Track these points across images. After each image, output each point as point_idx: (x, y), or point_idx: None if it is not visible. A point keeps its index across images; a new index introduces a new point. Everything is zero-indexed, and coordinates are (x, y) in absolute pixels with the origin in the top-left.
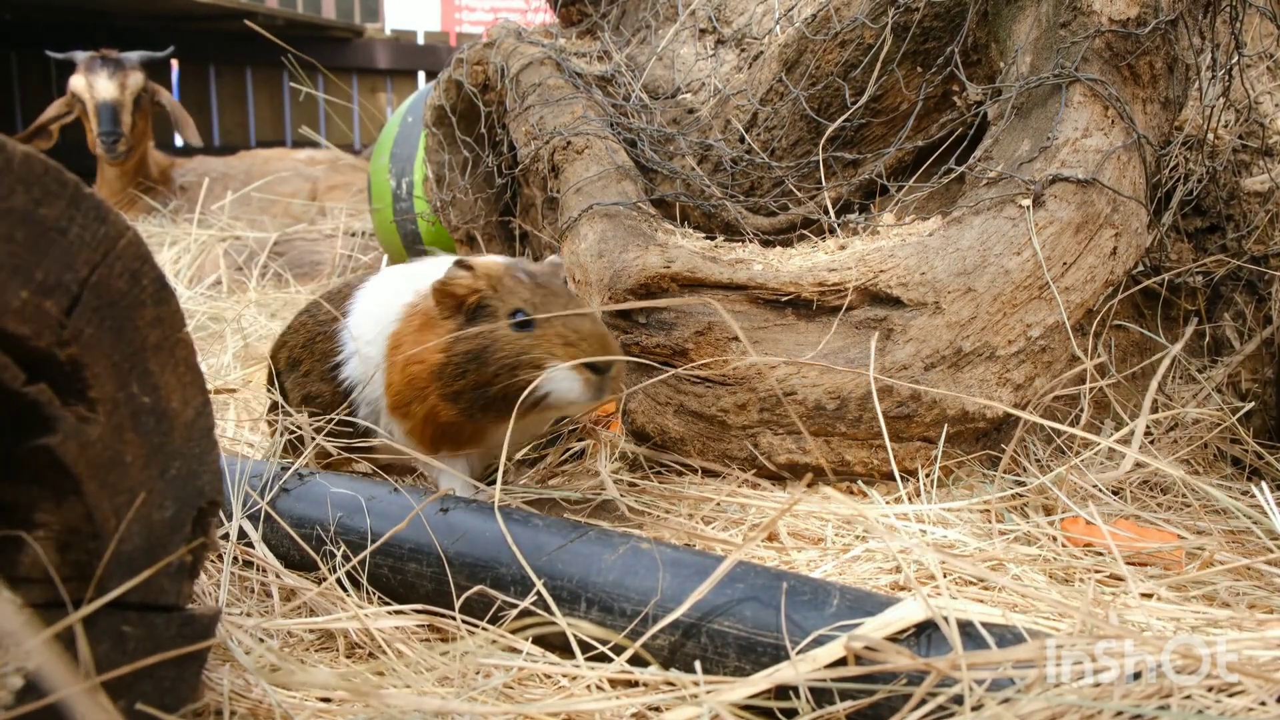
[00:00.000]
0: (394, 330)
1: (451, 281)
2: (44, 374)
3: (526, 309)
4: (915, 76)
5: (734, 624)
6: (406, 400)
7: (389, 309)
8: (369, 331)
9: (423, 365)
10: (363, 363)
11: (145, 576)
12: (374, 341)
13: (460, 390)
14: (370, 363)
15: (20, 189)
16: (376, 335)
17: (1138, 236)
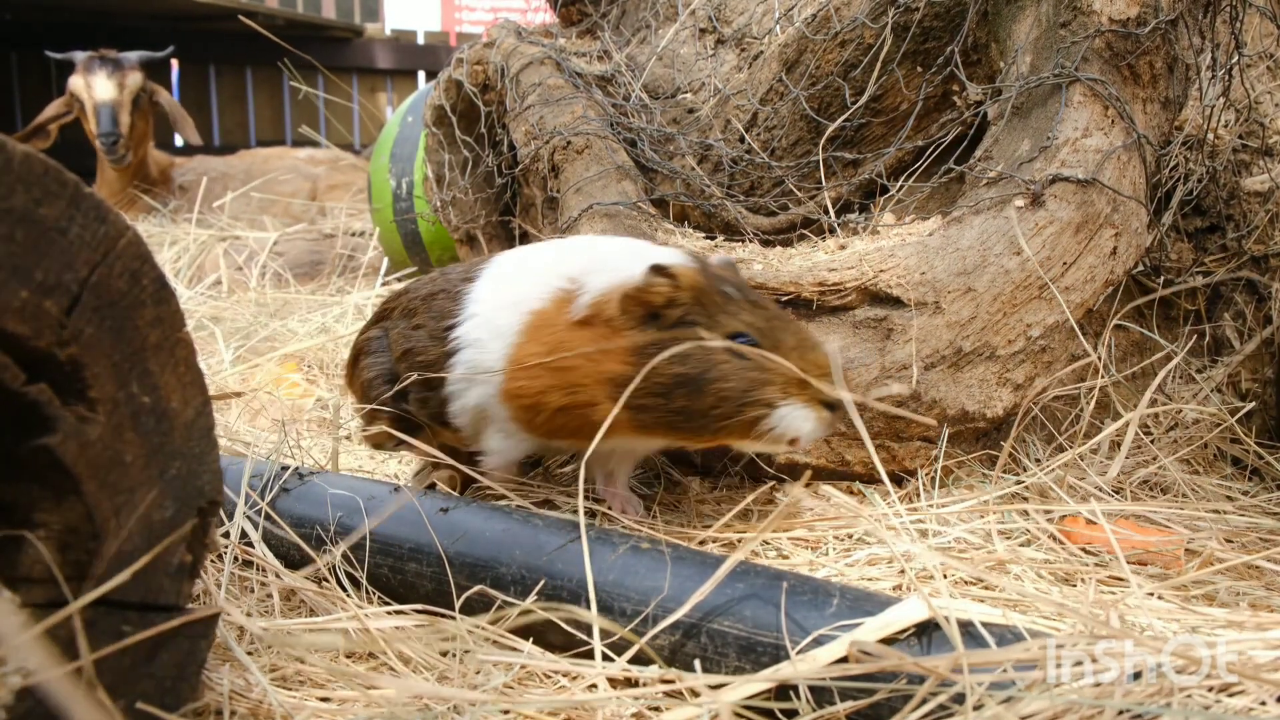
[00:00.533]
0: (536, 309)
1: (649, 290)
2: (44, 374)
3: (752, 335)
4: (915, 76)
5: (734, 624)
6: (541, 389)
7: (532, 286)
8: (501, 299)
9: (592, 365)
10: (481, 328)
11: (137, 567)
12: (504, 310)
13: (651, 407)
14: (491, 330)
15: (20, 189)
16: (509, 305)
17: (1138, 236)
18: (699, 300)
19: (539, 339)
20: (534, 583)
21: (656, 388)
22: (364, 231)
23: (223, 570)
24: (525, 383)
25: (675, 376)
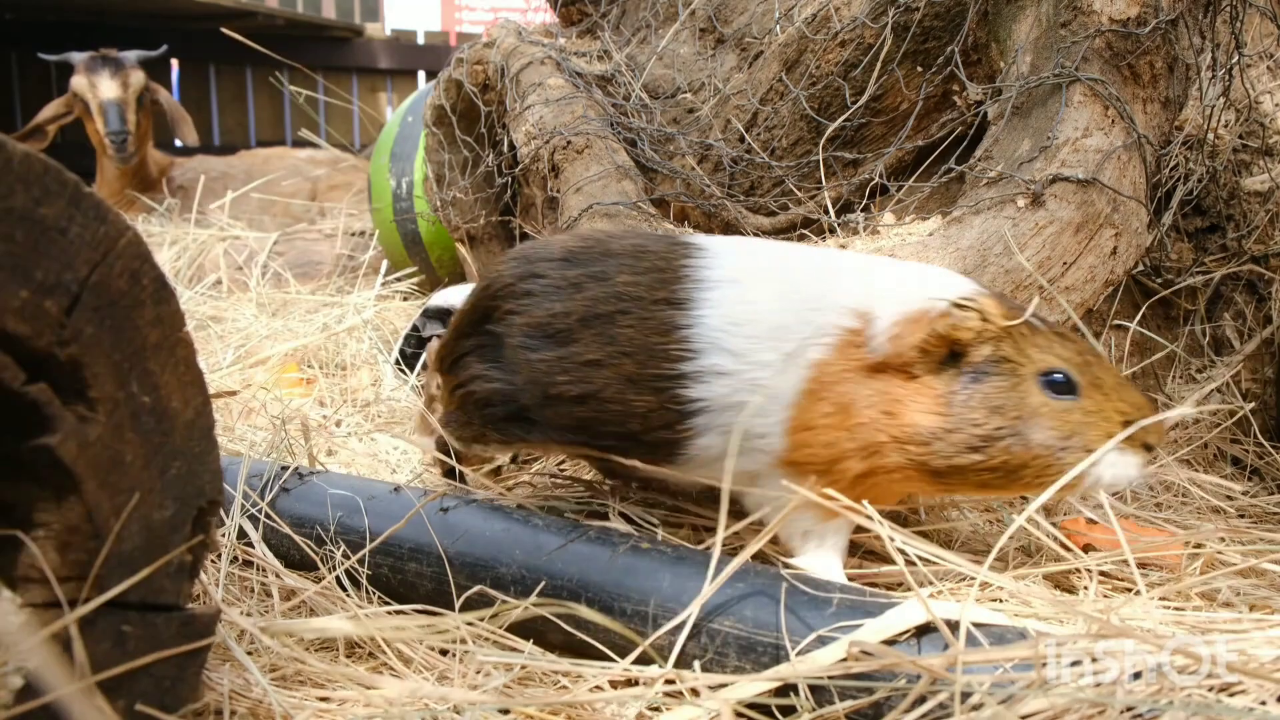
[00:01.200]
0: (819, 360)
1: (957, 328)
2: (44, 374)
3: (1069, 370)
4: (915, 76)
5: (734, 624)
6: (835, 456)
7: (805, 325)
8: (761, 346)
9: (889, 419)
10: (741, 389)
11: (144, 575)
12: (773, 364)
13: (965, 467)
14: (754, 388)
15: (20, 188)
16: (779, 357)
17: (1138, 236)
18: (1009, 334)
19: (828, 397)
20: (534, 582)
21: (973, 441)
22: (364, 231)
23: (223, 571)
24: (816, 449)
25: (998, 429)
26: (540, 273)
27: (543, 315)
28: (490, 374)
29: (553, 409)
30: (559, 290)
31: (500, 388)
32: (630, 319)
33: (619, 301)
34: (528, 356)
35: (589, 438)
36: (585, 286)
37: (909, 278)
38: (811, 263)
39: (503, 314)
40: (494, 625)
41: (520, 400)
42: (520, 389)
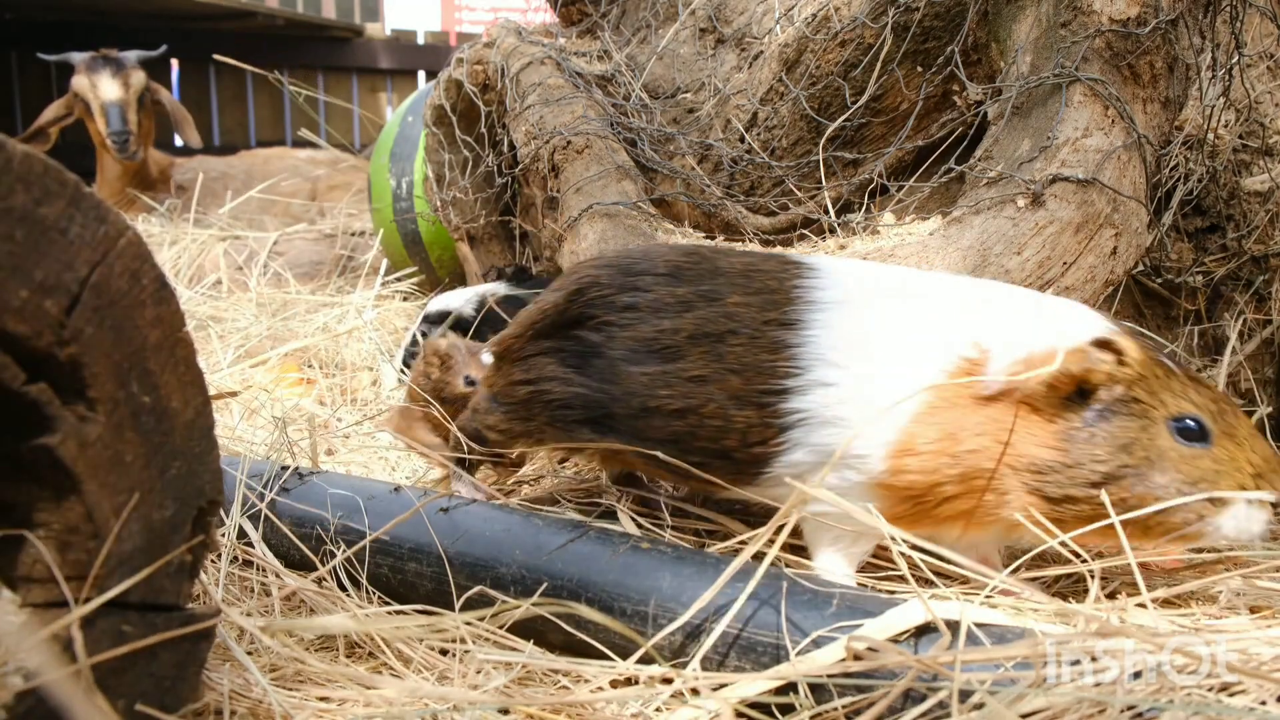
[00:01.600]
0: (927, 399)
1: (1091, 369)
2: (44, 373)
3: (1202, 418)
4: (915, 76)
5: (734, 623)
6: (935, 480)
7: (924, 351)
8: (873, 367)
9: (1000, 448)
10: (846, 403)
11: (144, 575)
12: (885, 384)
13: (1079, 499)
14: (866, 409)
15: (20, 188)
16: (892, 378)
17: (1138, 236)
18: (1142, 376)
19: (936, 420)
20: (534, 582)
21: (1093, 476)
22: (364, 231)
23: (223, 570)
24: (916, 474)
25: (1120, 467)
26: (644, 286)
27: (650, 331)
28: (573, 378)
29: (647, 421)
30: (667, 307)
31: (584, 393)
32: (740, 339)
33: (730, 321)
34: (630, 369)
35: (679, 451)
36: (695, 305)
37: (1033, 309)
38: (929, 288)
39: (599, 323)
40: (494, 625)
41: (608, 409)
42: (615, 398)
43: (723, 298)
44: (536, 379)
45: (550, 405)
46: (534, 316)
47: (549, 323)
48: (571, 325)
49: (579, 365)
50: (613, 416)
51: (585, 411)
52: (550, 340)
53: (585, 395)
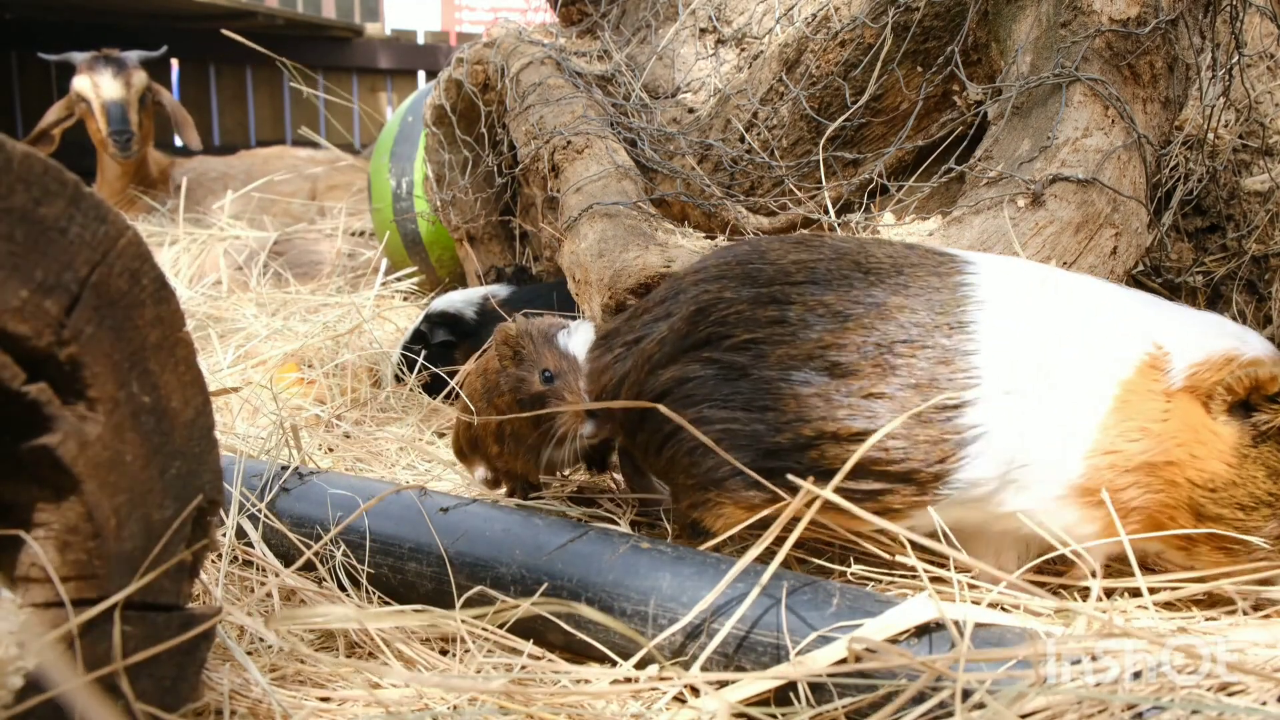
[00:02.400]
0: (1124, 379)
1: (1269, 380)
2: (44, 373)
3: None
4: (915, 76)
5: (734, 624)
6: (1128, 485)
7: (1098, 349)
8: (1052, 370)
9: (1192, 461)
10: (1027, 413)
11: (150, 579)
12: (1068, 387)
13: (1228, 520)
14: (1052, 419)
15: (20, 188)
16: (1077, 378)
17: (1138, 236)
18: None
19: (1135, 419)
20: (534, 582)
21: (1246, 500)
22: (364, 231)
23: (223, 570)
24: (1113, 480)
25: (1270, 494)
26: (786, 297)
27: (811, 345)
28: (710, 413)
29: (819, 449)
30: (821, 318)
31: (731, 427)
32: (913, 347)
33: (898, 329)
34: (798, 391)
35: (853, 479)
36: (852, 313)
37: (1193, 314)
38: (1091, 288)
39: (742, 342)
40: (494, 625)
41: (767, 440)
42: (774, 427)
43: (883, 302)
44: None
45: (694, 451)
46: (648, 349)
47: (668, 352)
48: (697, 349)
49: (714, 395)
50: (775, 451)
51: (746, 454)
52: (671, 370)
53: (736, 429)
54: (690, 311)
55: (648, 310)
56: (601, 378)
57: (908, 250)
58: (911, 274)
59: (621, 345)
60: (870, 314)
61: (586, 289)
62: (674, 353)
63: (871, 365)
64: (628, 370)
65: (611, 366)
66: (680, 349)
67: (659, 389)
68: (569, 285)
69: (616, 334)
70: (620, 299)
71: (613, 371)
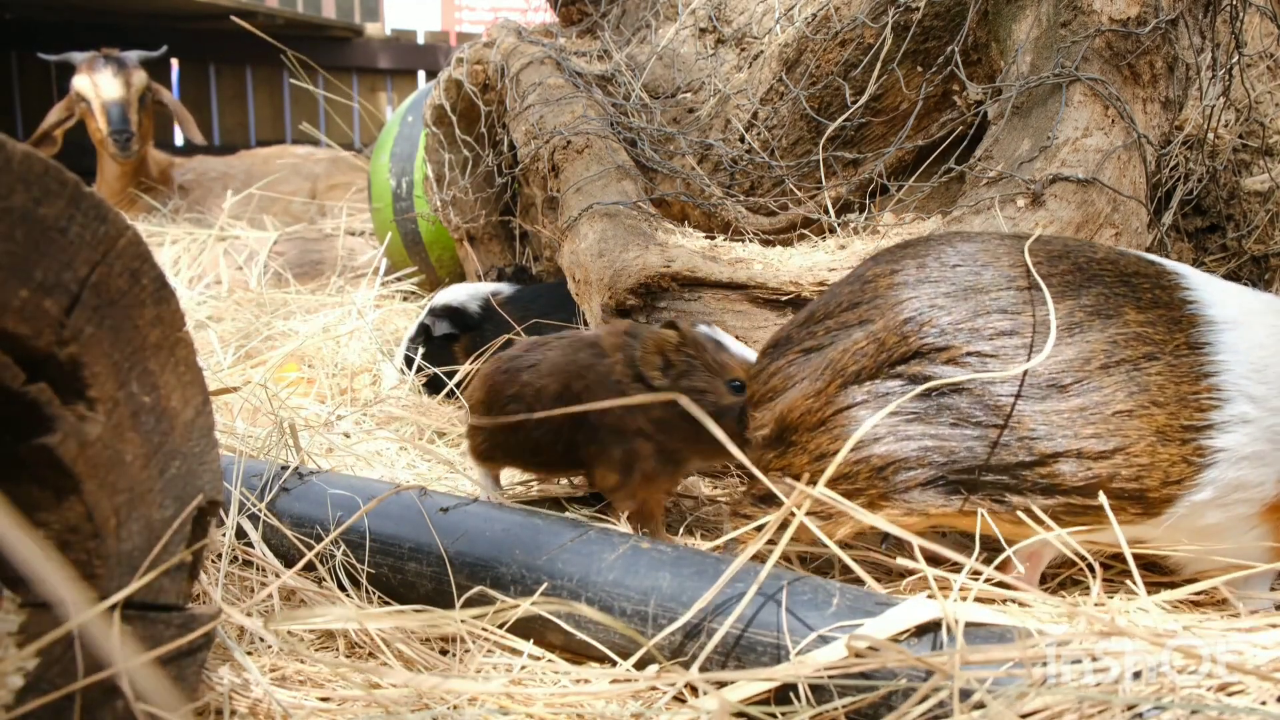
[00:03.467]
0: None
1: None
2: (44, 373)
3: None
4: (915, 76)
5: (734, 623)
6: None
7: None
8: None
9: None
10: (1255, 435)
11: (150, 578)
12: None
13: None
14: (1271, 436)
15: (20, 188)
16: None
17: (1138, 236)
18: None
19: None
20: (534, 582)
21: None
22: (364, 231)
23: (223, 570)
24: None
25: None
26: (1008, 306)
27: (1054, 363)
28: (911, 431)
29: (1052, 467)
30: (1058, 333)
31: (942, 444)
32: (1159, 364)
33: (1141, 344)
34: (1033, 409)
35: (1085, 497)
36: (1090, 325)
37: None
38: None
39: (959, 356)
40: (494, 625)
41: (982, 459)
42: (1001, 444)
43: (1119, 314)
44: (863, 441)
45: (882, 470)
46: (841, 362)
47: (864, 367)
48: (898, 365)
49: (922, 413)
50: (987, 469)
51: (937, 470)
52: (867, 386)
53: (944, 447)
54: (899, 321)
55: (830, 315)
56: (771, 381)
57: (1119, 255)
58: (1138, 283)
59: (798, 352)
60: (1112, 327)
61: (586, 289)
62: (869, 372)
63: (1116, 382)
64: (810, 394)
65: (784, 370)
66: (880, 366)
67: (845, 409)
68: (569, 285)
69: (790, 342)
70: (620, 299)
71: (792, 402)
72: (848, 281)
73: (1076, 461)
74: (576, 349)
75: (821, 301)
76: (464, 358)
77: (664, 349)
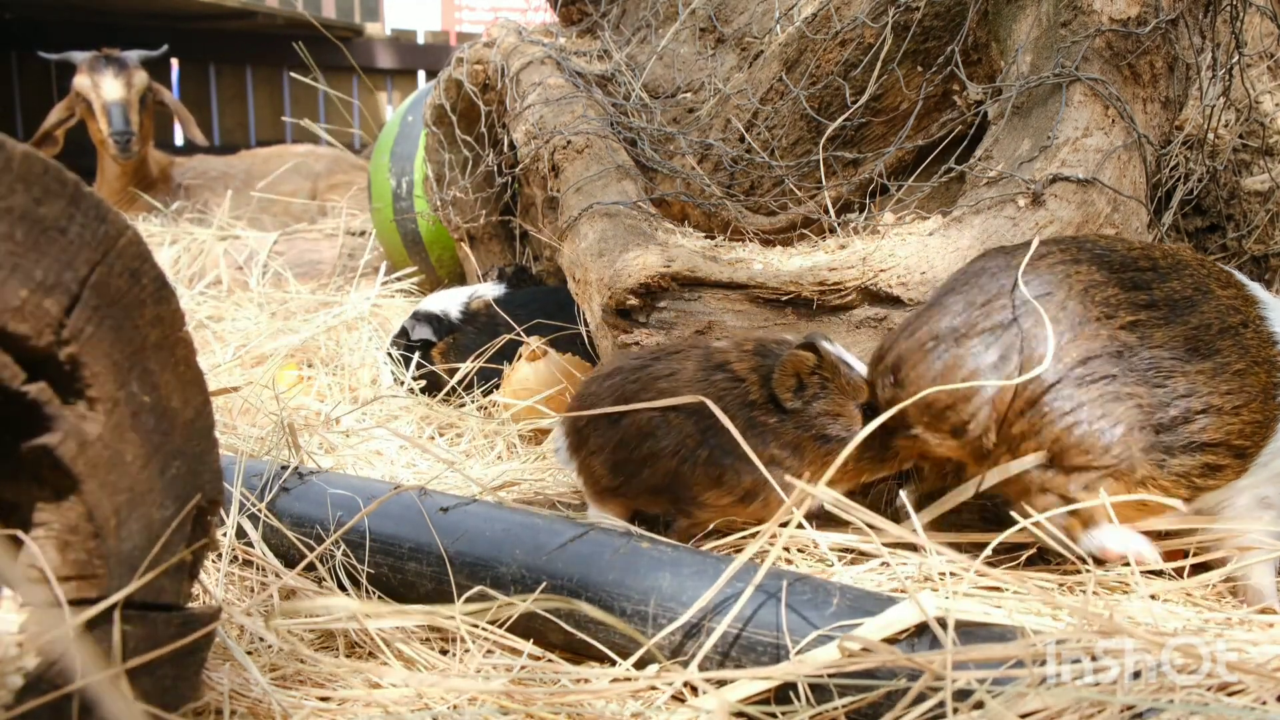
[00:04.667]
0: None
1: None
2: (44, 373)
3: None
4: (915, 76)
5: (734, 623)
6: None
7: None
8: None
9: None
10: None
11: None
12: None
13: None
14: None
15: (20, 188)
16: None
17: (1138, 236)
18: None
19: None
20: (534, 582)
21: None
22: (364, 231)
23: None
24: None
25: None
26: (1146, 283)
27: (1188, 328)
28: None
29: (1190, 425)
30: (1181, 300)
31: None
32: (1249, 330)
33: (1233, 314)
34: (1186, 369)
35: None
36: (1198, 298)
37: None
38: None
39: (1126, 324)
40: (494, 624)
41: (1157, 416)
42: (1167, 404)
43: (1209, 288)
44: (1077, 406)
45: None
46: (1029, 328)
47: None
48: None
49: (1114, 376)
50: (1165, 425)
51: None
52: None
53: (1144, 403)
54: (1080, 289)
55: (989, 304)
56: (956, 374)
57: (1175, 252)
58: (1187, 266)
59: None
60: (1211, 300)
61: (586, 288)
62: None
63: (1229, 345)
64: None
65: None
66: (1075, 323)
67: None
68: (569, 284)
69: (942, 338)
70: (620, 299)
71: (969, 369)
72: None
73: (1213, 418)
74: (709, 368)
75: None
76: (440, 361)
77: (799, 370)
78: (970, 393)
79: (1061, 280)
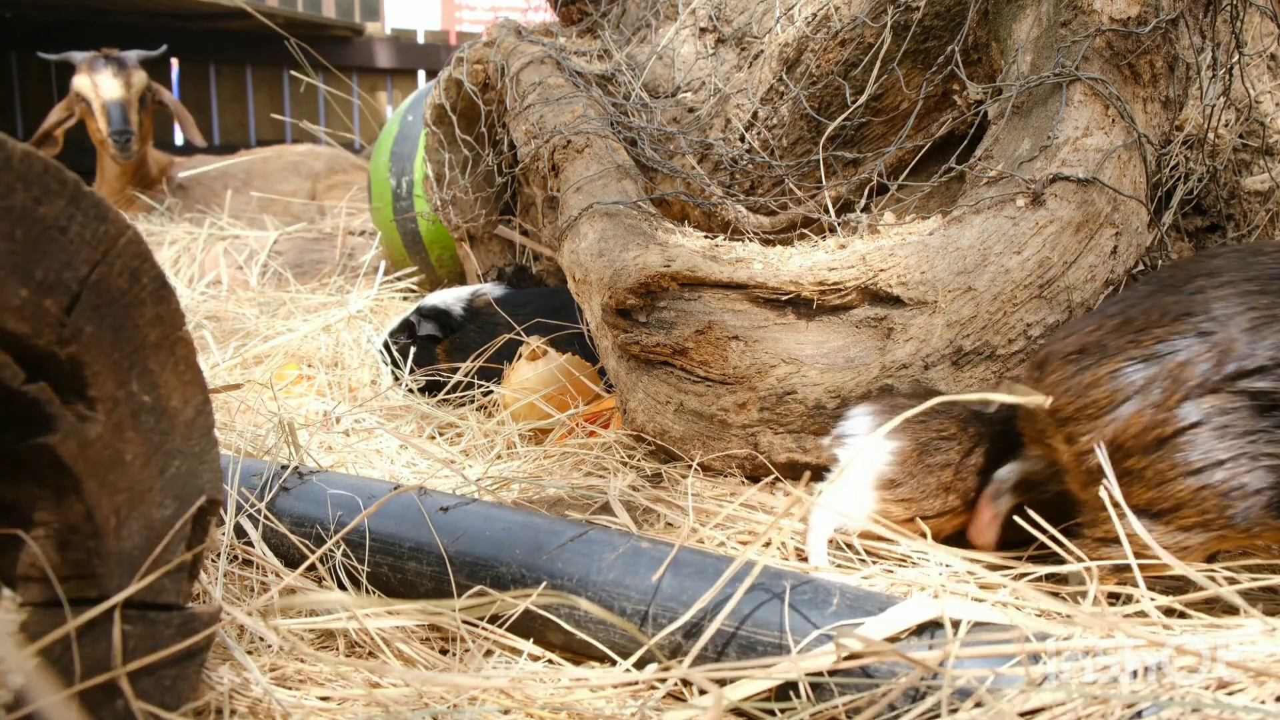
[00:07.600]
0: None
1: None
2: (44, 372)
3: None
4: (915, 75)
5: (734, 622)
6: None
7: None
8: None
9: None
10: None
11: (151, 579)
12: None
13: None
14: None
15: (20, 187)
16: None
17: (1138, 236)
18: None
19: None
20: (534, 582)
21: None
22: (364, 231)
23: (222, 570)
24: None
25: None
26: None
27: None
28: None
29: None
30: None
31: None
32: None
33: None
34: None
35: None
36: None
37: None
38: None
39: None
40: (494, 624)
41: None
42: None
43: None
44: (1205, 465)
45: (1228, 495)
46: (1176, 373)
47: (1207, 379)
48: (1239, 380)
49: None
50: None
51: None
52: (1208, 402)
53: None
54: (1246, 329)
55: (1152, 325)
56: (1091, 391)
57: None
58: None
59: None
60: None
61: (586, 288)
62: (1217, 381)
63: None
64: (1149, 406)
65: (1122, 422)
66: (1225, 376)
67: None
68: (569, 284)
69: (1090, 351)
70: (620, 298)
71: (1126, 423)
72: (1165, 288)
73: None
74: None
75: (1140, 308)
76: (444, 359)
77: None
78: (1098, 410)
79: (1225, 312)
